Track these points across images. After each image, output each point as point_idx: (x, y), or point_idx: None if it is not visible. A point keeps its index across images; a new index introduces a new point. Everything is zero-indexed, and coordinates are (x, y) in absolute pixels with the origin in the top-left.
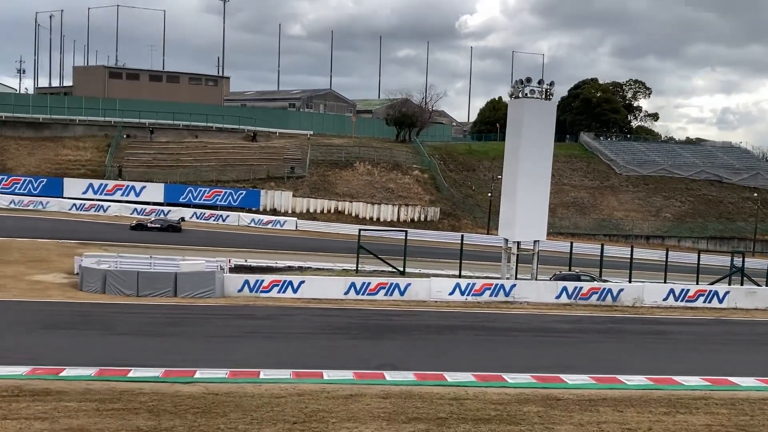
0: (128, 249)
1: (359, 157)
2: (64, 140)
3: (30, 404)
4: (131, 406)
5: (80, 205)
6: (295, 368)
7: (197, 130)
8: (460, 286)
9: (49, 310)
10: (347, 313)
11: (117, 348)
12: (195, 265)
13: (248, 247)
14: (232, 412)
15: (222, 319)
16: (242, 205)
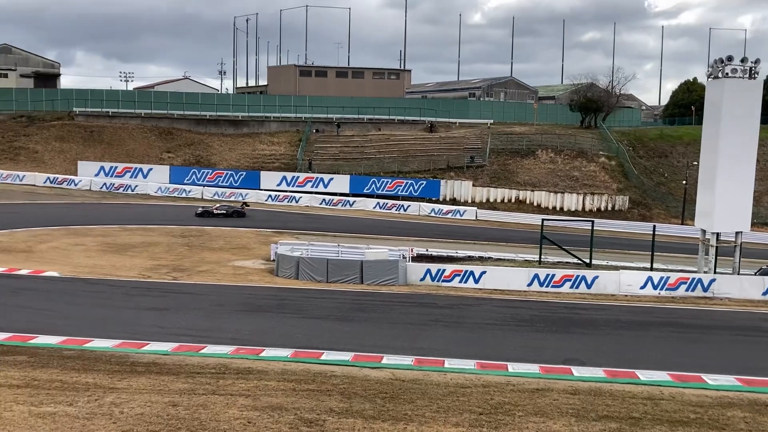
0: (318, 237)
1: (541, 145)
2: (260, 136)
3: (235, 381)
4: (324, 388)
5: (275, 196)
6: (479, 359)
7: (380, 123)
8: (652, 279)
9: (250, 293)
10: (530, 305)
11: (310, 331)
12: (379, 253)
13: (429, 236)
14: (418, 399)
15: (405, 306)
16: (422, 195)
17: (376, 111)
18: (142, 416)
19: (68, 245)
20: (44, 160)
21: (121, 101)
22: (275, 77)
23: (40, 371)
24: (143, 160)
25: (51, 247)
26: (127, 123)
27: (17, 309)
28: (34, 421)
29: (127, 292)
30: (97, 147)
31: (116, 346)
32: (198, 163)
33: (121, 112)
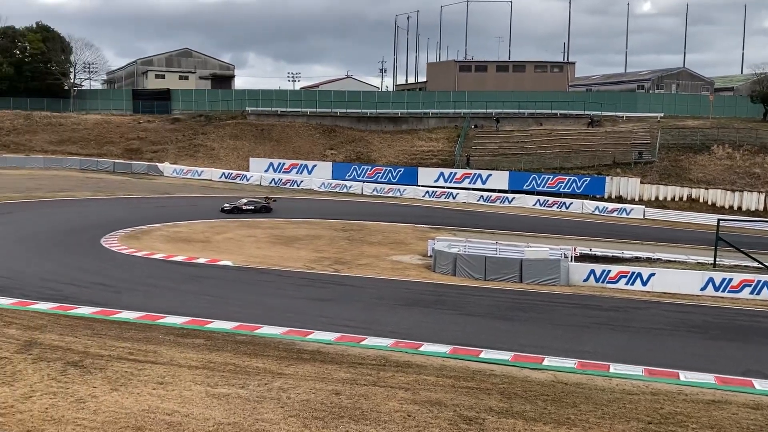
0: (475, 234)
1: (717, 140)
2: (418, 132)
3: (394, 374)
4: (483, 387)
5: (432, 192)
6: (647, 365)
7: (541, 117)
8: None
9: (408, 288)
10: (704, 310)
11: (468, 328)
12: (539, 252)
13: (592, 235)
14: (582, 404)
15: (567, 307)
16: (586, 192)
17: (538, 105)
18: (307, 402)
19: (241, 236)
20: (219, 156)
21: (288, 101)
22: (434, 74)
23: (216, 354)
24: (308, 157)
25: (225, 238)
26: (294, 121)
27: (196, 295)
28: (210, 401)
29: (294, 282)
30: (267, 144)
31: (284, 334)
32: (358, 160)
33: (289, 111)
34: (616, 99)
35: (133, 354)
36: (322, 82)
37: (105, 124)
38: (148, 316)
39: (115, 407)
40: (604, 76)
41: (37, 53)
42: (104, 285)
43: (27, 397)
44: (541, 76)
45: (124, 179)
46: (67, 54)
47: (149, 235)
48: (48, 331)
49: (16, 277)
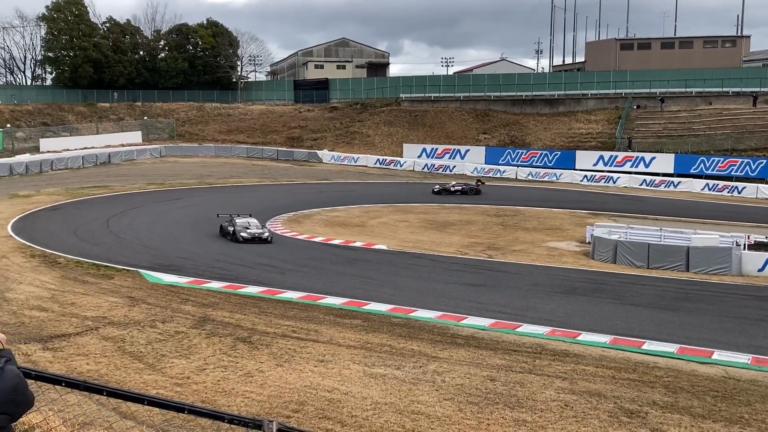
0: (637, 220)
1: None
2: (576, 114)
3: (551, 363)
4: (646, 379)
5: (590, 177)
6: None
7: (711, 96)
8: None
9: (565, 275)
10: None
11: (629, 318)
12: (708, 239)
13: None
14: (757, 402)
15: (739, 299)
16: (761, 176)
17: (707, 83)
18: (462, 387)
19: (395, 221)
20: (374, 143)
21: (442, 86)
22: (593, 53)
23: (372, 335)
24: (461, 142)
25: (380, 223)
26: (447, 106)
27: (353, 277)
28: (367, 381)
29: (447, 267)
30: (420, 130)
31: (438, 318)
32: (512, 144)
33: (442, 97)
34: None
35: (296, 332)
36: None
37: (269, 114)
38: (309, 296)
39: (280, 382)
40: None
41: (208, 48)
42: (269, 266)
43: (201, 370)
44: (710, 52)
45: (287, 166)
46: (234, 48)
47: (310, 219)
48: (219, 308)
49: (191, 257)
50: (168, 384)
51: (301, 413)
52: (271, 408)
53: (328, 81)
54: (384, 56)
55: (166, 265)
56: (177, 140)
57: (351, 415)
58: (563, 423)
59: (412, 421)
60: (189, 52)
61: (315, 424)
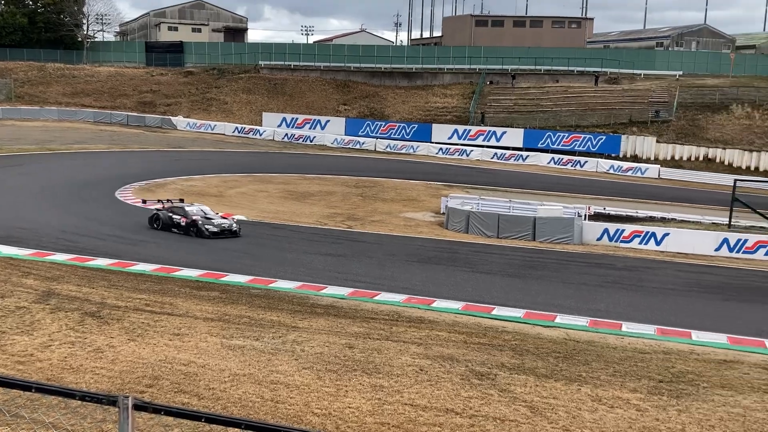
0: (489, 192)
1: (737, 99)
2: (433, 88)
3: (407, 329)
4: (496, 343)
5: (446, 150)
6: (659, 324)
7: (558, 74)
8: None
9: (420, 245)
10: (718, 271)
11: (480, 285)
12: (553, 210)
13: (607, 194)
14: (594, 362)
15: (580, 266)
16: (601, 151)
17: (555, 62)
18: (321, 355)
19: (254, 191)
20: (233, 110)
21: (302, 54)
22: (450, 28)
23: (231, 307)
24: (321, 112)
25: (239, 193)
26: (307, 76)
27: (210, 249)
28: (225, 353)
29: (307, 237)
30: (280, 99)
31: (298, 288)
32: (372, 116)
33: (302, 65)
34: (634, 56)
35: (150, 305)
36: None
37: (118, 77)
38: (163, 268)
39: (132, 357)
40: (623, 33)
41: (50, 3)
42: (120, 237)
43: (46, 346)
44: (558, 32)
45: (138, 132)
46: (80, 5)
47: (164, 188)
48: (65, 281)
49: (33, 228)
50: (9, 362)
51: (155, 388)
52: (123, 384)
53: (182, 44)
54: (242, 21)
55: (3, 236)
56: (15, 102)
57: (208, 387)
58: (418, 387)
59: (271, 391)
60: (29, 7)
61: (171, 398)
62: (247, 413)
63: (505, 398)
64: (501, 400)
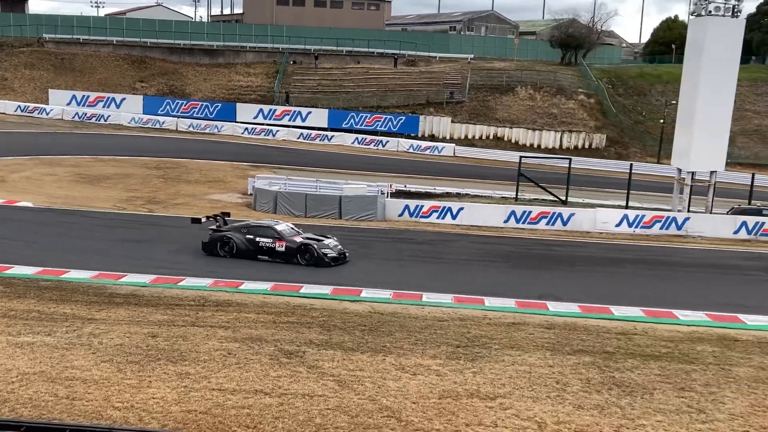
0: (296, 172)
1: (521, 82)
2: (236, 66)
3: (214, 313)
4: (304, 321)
5: (251, 129)
6: (456, 293)
7: (359, 55)
8: (628, 217)
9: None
10: (507, 241)
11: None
12: (358, 189)
13: (407, 172)
14: (397, 332)
15: (383, 242)
16: (401, 130)
17: (356, 43)
18: (121, 347)
19: (40, 175)
20: (14, 87)
21: (92, 28)
22: (251, 5)
23: (17, 302)
24: (116, 90)
25: (23, 177)
26: (98, 51)
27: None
28: (12, 351)
29: (104, 223)
30: (69, 75)
31: (93, 278)
32: (172, 94)
33: (93, 40)
34: (429, 40)
35: None
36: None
37: None
38: None
39: None
40: (419, 17)
41: None
42: None
43: None
44: (358, 14)
45: None
46: None
47: None
48: None
49: None
50: None
51: None
52: None
53: None
54: None
55: None
56: None
57: None
58: (226, 371)
59: (66, 388)
60: None
61: None
62: (39, 414)
63: (314, 374)
64: (309, 377)
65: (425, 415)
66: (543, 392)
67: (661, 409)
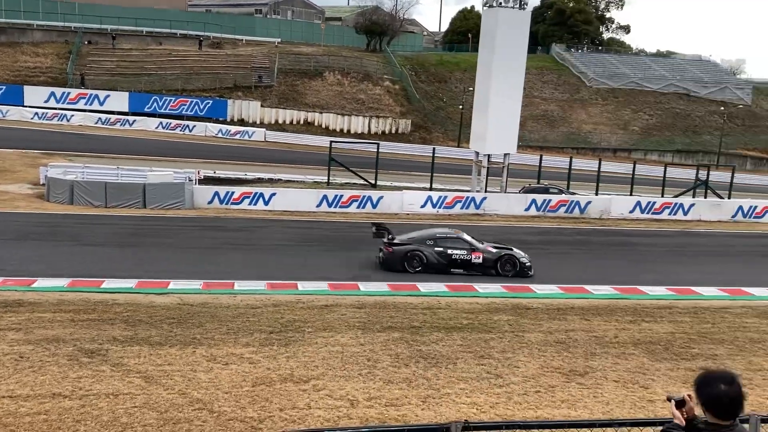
0: (94, 159)
1: (329, 67)
2: (22, 46)
3: (3, 315)
4: (106, 317)
5: (42, 114)
6: (269, 280)
7: (161, 36)
8: (431, 198)
9: (16, 220)
10: (320, 225)
11: (88, 259)
12: (163, 176)
13: (216, 158)
14: (207, 323)
15: (193, 230)
16: (209, 115)
17: (157, 23)
18: None
19: None
20: None
21: None
22: None
23: None
24: None
25: None
26: None
27: None
28: None
29: None
30: None
31: None
32: None
33: None
34: (235, 22)
35: None
36: None
37: None
38: None
39: None
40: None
41: None
42: None
43: None
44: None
45: None
46: None
47: None
48: None
49: None
50: None
51: None
52: None
53: None
54: None
55: None
56: None
57: None
58: (19, 376)
59: None
60: None
61: None
62: None
63: (118, 372)
64: (114, 375)
65: (238, 404)
66: (355, 370)
67: (463, 377)
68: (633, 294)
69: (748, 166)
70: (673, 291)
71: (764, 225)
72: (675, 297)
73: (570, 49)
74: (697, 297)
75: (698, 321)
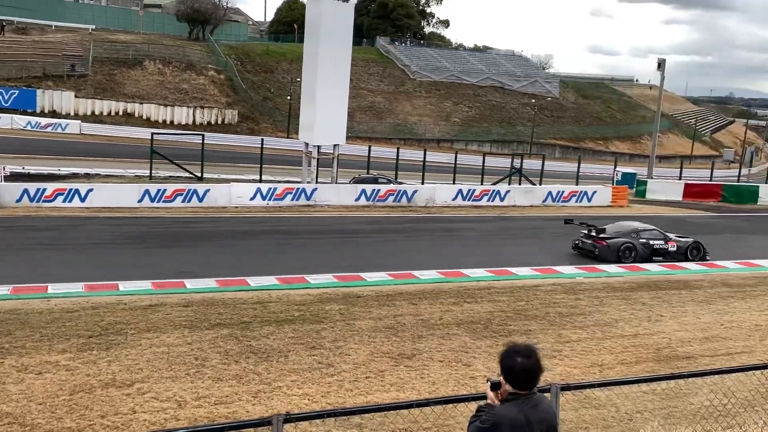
0: None
1: (149, 56)
2: None
3: None
4: None
5: None
6: (87, 281)
7: None
8: (261, 190)
9: None
10: (142, 221)
11: None
12: None
13: (25, 152)
14: (17, 330)
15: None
16: (15, 106)
17: None
18: None
19: None
20: None
21: None
22: None
23: None
24: None
25: None
26: None
27: None
28: None
29: None
30: None
31: None
32: None
33: None
34: (43, 6)
35: None
36: None
37: None
38: None
39: None
40: None
41: None
42: None
43: None
44: None
45: None
46: None
47: None
48: None
49: None
50: None
51: None
52: None
53: None
54: None
55: None
56: None
57: None
58: None
59: None
60: None
61: None
62: None
63: None
64: None
65: (54, 414)
66: (182, 371)
67: (295, 369)
68: (456, 277)
69: (556, 154)
70: (492, 272)
71: (570, 208)
72: (494, 278)
73: (394, 42)
74: (513, 277)
75: (514, 299)
